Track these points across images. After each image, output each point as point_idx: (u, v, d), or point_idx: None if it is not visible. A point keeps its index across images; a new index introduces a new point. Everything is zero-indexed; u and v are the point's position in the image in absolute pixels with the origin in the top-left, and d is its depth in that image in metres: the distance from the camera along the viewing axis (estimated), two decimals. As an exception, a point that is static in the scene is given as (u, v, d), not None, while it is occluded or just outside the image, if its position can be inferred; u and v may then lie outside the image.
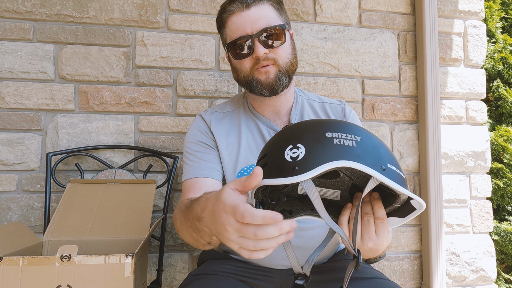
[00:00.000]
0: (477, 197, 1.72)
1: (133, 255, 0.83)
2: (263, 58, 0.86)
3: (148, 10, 1.55)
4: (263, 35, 0.85)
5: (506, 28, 2.49)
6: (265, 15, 0.87)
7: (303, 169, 0.52)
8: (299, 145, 0.55)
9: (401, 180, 0.56)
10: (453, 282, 1.67)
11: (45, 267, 0.80)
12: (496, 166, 2.09)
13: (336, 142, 0.55)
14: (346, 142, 0.55)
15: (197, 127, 1.00)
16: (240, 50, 0.88)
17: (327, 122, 0.60)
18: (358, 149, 0.55)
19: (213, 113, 1.03)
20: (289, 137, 0.58)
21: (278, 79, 0.88)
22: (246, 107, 1.03)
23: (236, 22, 0.88)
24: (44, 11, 1.48)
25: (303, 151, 0.54)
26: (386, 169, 0.54)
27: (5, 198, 1.42)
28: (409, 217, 0.61)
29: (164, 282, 1.49)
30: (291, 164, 0.54)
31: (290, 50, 0.91)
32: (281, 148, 0.57)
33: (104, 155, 1.48)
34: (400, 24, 1.74)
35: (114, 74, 1.51)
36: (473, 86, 1.76)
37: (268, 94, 0.91)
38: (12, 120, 1.43)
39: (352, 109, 1.04)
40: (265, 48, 0.86)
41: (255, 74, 0.89)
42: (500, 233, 2.01)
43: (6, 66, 1.44)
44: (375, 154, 0.55)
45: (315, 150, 0.54)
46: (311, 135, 0.57)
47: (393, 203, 0.62)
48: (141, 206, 1.23)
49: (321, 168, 0.52)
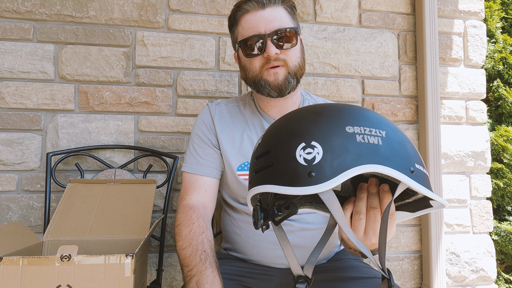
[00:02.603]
0: (477, 197, 1.72)
1: (133, 255, 0.83)
2: (274, 58, 0.87)
3: (148, 10, 1.55)
4: (275, 36, 0.87)
5: (506, 28, 2.49)
6: (279, 17, 0.88)
7: (322, 176, 0.43)
8: (314, 144, 0.45)
9: (427, 182, 0.49)
10: (453, 282, 1.67)
11: (45, 267, 0.80)
12: (496, 166, 2.09)
13: (359, 139, 0.46)
14: (371, 139, 0.46)
15: (202, 119, 1.03)
16: (252, 48, 0.89)
17: (346, 112, 0.49)
18: (385, 147, 0.46)
19: (219, 104, 1.05)
20: (300, 131, 0.47)
21: (287, 81, 0.89)
22: (252, 104, 1.04)
23: (250, 21, 0.89)
24: (44, 11, 1.48)
25: (319, 151, 0.45)
26: (415, 170, 0.47)
27: (5, 198, 1.42)
28: (420, 213, 0.55)
29: (164, 282, 1.49)
30: (306, 169, 0.44)
31: (299, 53, 0.92)
32: (291, 146, 0.46)
33: (104, 155, 1.48)
34: (400, 24, 1.74)
35: (114, 74, 1.51)
36: (473, 86, 1.76)
37: (275, 95, 0.92)
38: (12, 120, 1.43)
39: None
40: (277, 48, 0.87)
41: (264, 75, 0.90)
42: (500, 233, 2.01)
43: (6, 66, 1.44)
44: (403, 153, 0.47)
45: (335, 150, 0.45)
46: (328, 129, 0.46)
47: (406, 198, 0.56)
48: (141, 206, 1.23)
49: (345, 175, 0.43)
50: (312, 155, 0.45)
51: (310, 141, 0.46)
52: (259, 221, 0.50)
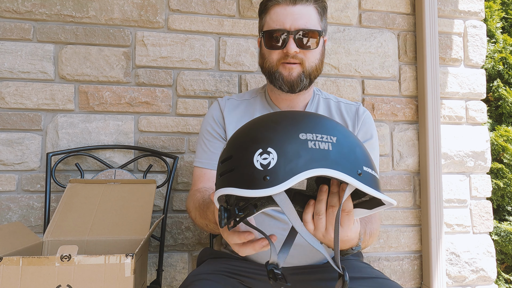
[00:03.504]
0: (477, 197, 1.72)
1: (133, 255, 0.83)
2: (292, 56, 0.90)
3: (148, 10, 1.55)
4: (298, 34, 0.89)
5: (506, 28, 2.49)
6: (307, 16, 0.90)
7: (275, 179, 0.48)
8: (270, 150, 0.51)
9: (375, 183, 0.54)
10: (453, 282, 1.67)
11: (45, 267, 0.80)
12: (496, 166, 2.09)
13: (311, 145, 0.51)
14: (322, 145, 0.52)
15: (211, 114, 1.06)
16: (274, 41, 0.91)
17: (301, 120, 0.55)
18: (334, 152, 0.52)
19: (229, 99, 1.07)
20: (259, 138, 0.53)
21: (300, 79, 0.92)
22: (263, 97, 1.06)
23: (278, 14, 0.91)
24: (44, 11, 1.48)
25: (274, 157, 0.50)
26: (362, 173, 0.52)
27: (5, 198, 1.42)
28: (376, 210, 0.60)
29: (164, 282, 1.49)
30: (262, 173, 0.49)
31: (319, 56, 0.94)
32: (250, 152, 0.52)
33: (104, 155, 1.48)
34: (400, 24, 1.74)
35: (114, 74, 1.51)
36: (473, 86, 1.76)
37: (286, 90, 0.94)
38: (12, 120, 1.43)
39: (366, 110, 1.05)
40: (297, 47, 0.89)
41: (279, 68, 0.92)
42: (500, 233, 2.01)
43: (6, 66, 1.44)
44: (351, 157, 0.53)
45: (288, 156, 0.50)
46: (284, 136, 0.52)
47: (363, 197, 0.61)
48: (141, 206, 1.23)
49: (295, 178, 0.48)
50: (267, 161, 0.50)
51: (266, 148, 0.51)
52: (223, 220, 0.54)
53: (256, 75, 1.62)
